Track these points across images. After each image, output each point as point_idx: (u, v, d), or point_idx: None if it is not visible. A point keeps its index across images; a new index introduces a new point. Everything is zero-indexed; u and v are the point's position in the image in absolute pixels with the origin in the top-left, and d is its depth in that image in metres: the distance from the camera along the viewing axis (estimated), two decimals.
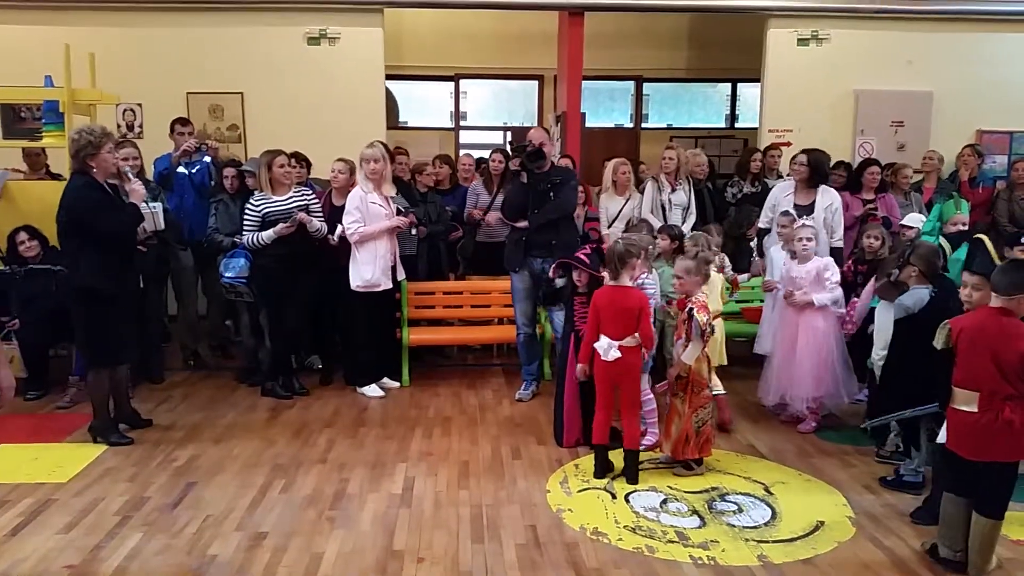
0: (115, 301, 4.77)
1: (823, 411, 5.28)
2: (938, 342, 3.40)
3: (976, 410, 3.30)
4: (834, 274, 5.14)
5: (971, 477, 3.39)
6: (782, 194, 6.00)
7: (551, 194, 5.64)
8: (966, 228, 5.85)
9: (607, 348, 4.37)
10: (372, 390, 5.96)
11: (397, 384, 6.17)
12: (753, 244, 6.68)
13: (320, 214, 5.81)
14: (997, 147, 8.61)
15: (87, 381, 5.06)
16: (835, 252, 5.81)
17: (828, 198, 5.84)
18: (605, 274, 4.64)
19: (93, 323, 4.81)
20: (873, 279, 4.96)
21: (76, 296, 4.81)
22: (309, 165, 6.68)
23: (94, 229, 4.67)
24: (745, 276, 6.18)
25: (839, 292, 5.16)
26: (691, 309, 4.40)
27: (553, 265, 5.10)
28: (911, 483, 4.32)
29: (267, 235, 5.58)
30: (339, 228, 5.79)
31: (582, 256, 4.91)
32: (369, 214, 5.71)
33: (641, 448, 4.56)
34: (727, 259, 6.08)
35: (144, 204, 5.02)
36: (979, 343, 3.29)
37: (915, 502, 4.07)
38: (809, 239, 5.17)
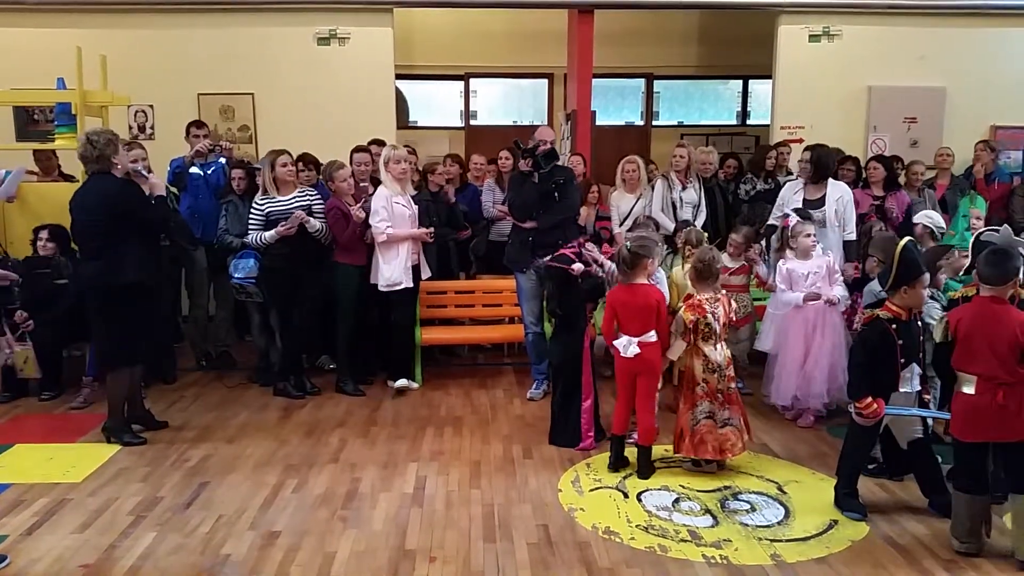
0: (140, 298, 4.80)
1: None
2: (937, 336, 3.52)
3: (974, 392, 3.42)
4: (839, 270, 5.32)
5: (975, 470, 3.50)
6: (791, 192, 5.99)
7: (556, 194, 5.64)
8: (981, 222, 5.82)
9: (626, 345, 4.41)
10: (401, 382, 5.98)
11: (415, 384, 6.19)
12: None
13: (323, 215, 5.80)
14: (1012, 143, 8.51)
15: (107, 380, 5.07)
16: (848, 245, 5.79)
17: (837, 191, 5.85)
18: (598, 267, 4.69)
19: (117, 322, 4.82)
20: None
21: (113, 295, 4.75)
22: (319, 167, 6.65)
23: (141, 221, 4.77)
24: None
25: (844, 287, 5.32)
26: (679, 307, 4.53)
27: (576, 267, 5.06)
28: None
29: (268, 235, 5.62)
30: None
31: (569, 253, 4.92)
32: (394, 215, 5.73)
33: (630, 440, 4.62)
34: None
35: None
36: (976, 331, 3.42)
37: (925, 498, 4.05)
38: (813, 234, 5.28)
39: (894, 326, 3.77)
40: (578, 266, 4.87)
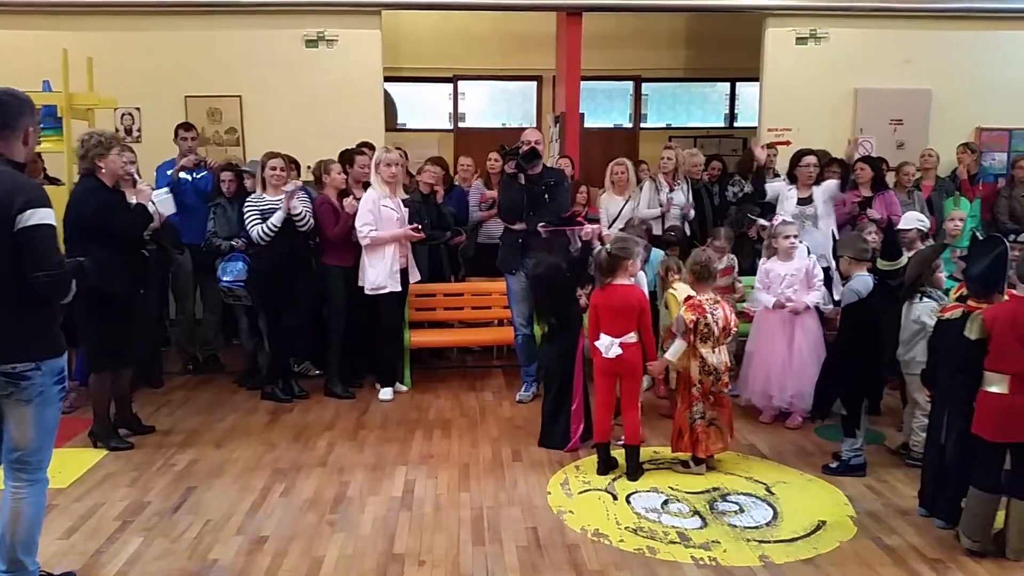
0: (121, 303, 4.77)
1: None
2: (972, 333, 3.49)
3: (1007, 391, 3.41)
4: (819, 273, 5.33)
5: (996, 469, 3.49)
6: (785, 194, 6.11)
7: (546, 196, 5.64)
8: (963, 223, 5.89)
9: (608, 345, 4.40)
10: (387, 393, 5.97)
11: (404, 387, 6.18)
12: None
13: (308, 209, 5.77)
14: (996, 144, 8.58)
15: (89, 384, 5.05)
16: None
17: (824, 185, 6.02)
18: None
19: (98, 326, 4.79)
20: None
21: (83, 299, 4.77)
22: (298, 167, 6.63)
23: (107, 230, 4.66)
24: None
25: (824, 290, 5.37)
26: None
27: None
28: (856, 466, 4.46)
29: (278, 216, 5.53)
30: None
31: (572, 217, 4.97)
32: (381, 218, 5.72)
33: (618, 443, 4.62)
34: (736, 260, 6.08)
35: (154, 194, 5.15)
36: (1012, 330, 3.41)
37: (913, 499, 4.05)
38: (795, 236, 5.32)
39: None
40: (588, 227, 4.87)
